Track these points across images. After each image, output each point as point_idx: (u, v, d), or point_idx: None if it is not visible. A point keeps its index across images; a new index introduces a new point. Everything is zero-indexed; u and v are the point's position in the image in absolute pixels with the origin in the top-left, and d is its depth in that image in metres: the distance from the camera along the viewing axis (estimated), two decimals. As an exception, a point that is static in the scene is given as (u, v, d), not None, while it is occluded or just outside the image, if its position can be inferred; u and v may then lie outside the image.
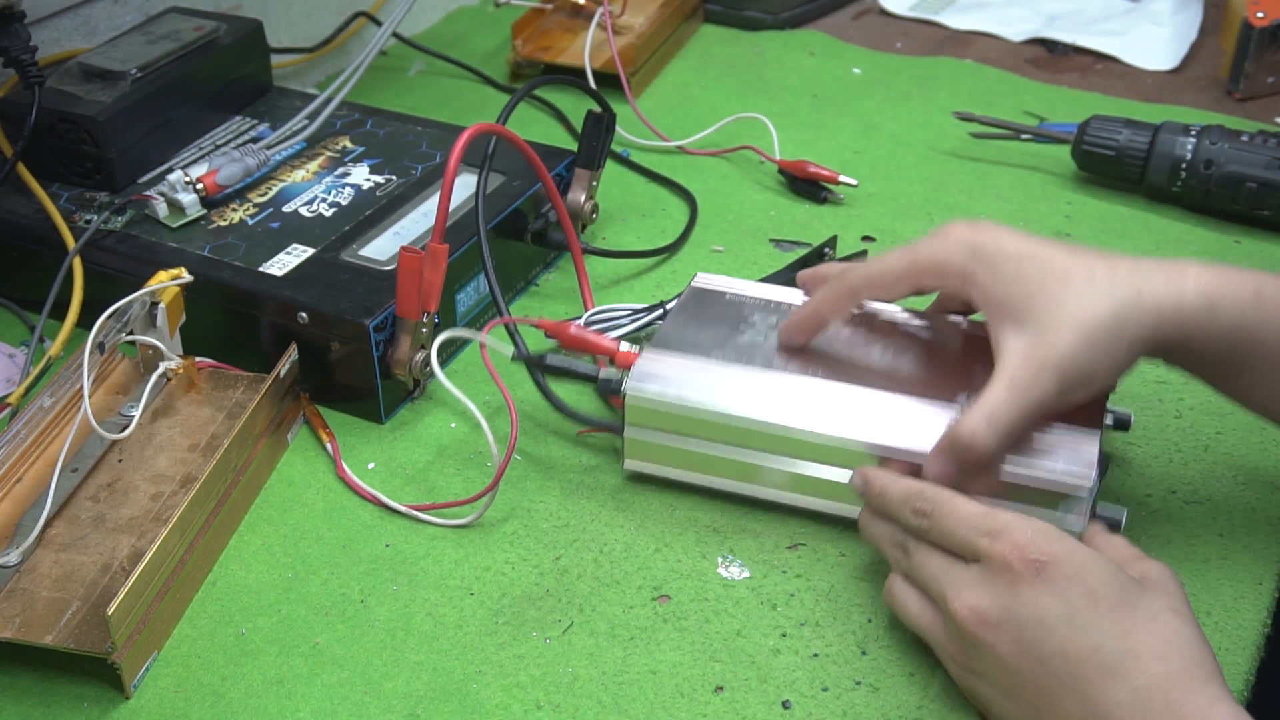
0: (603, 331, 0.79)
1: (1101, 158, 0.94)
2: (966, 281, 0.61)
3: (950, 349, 0.68)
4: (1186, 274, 0.58)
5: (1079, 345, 0.57)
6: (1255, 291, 0.59)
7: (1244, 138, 0.90)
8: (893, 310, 0.70)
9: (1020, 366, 0.58)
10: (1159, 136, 0.92)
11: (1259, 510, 0.67)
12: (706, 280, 0.74)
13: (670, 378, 0.67)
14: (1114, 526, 0.60)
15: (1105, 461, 0.62)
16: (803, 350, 0.68)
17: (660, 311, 0.79)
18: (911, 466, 0.61)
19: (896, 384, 0.65)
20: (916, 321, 0.69)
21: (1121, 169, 0.93)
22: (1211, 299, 0.58)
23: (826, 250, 0.86)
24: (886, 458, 0.62)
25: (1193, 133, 0.91)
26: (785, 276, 0.83)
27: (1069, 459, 0.60)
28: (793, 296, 0.71)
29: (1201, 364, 0.61)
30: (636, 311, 0.80)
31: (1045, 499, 0.60)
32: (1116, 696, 0.50)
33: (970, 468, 0.59)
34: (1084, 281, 0.58)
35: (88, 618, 0.59)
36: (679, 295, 0.75)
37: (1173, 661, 0.51)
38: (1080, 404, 0.59)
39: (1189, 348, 0.59)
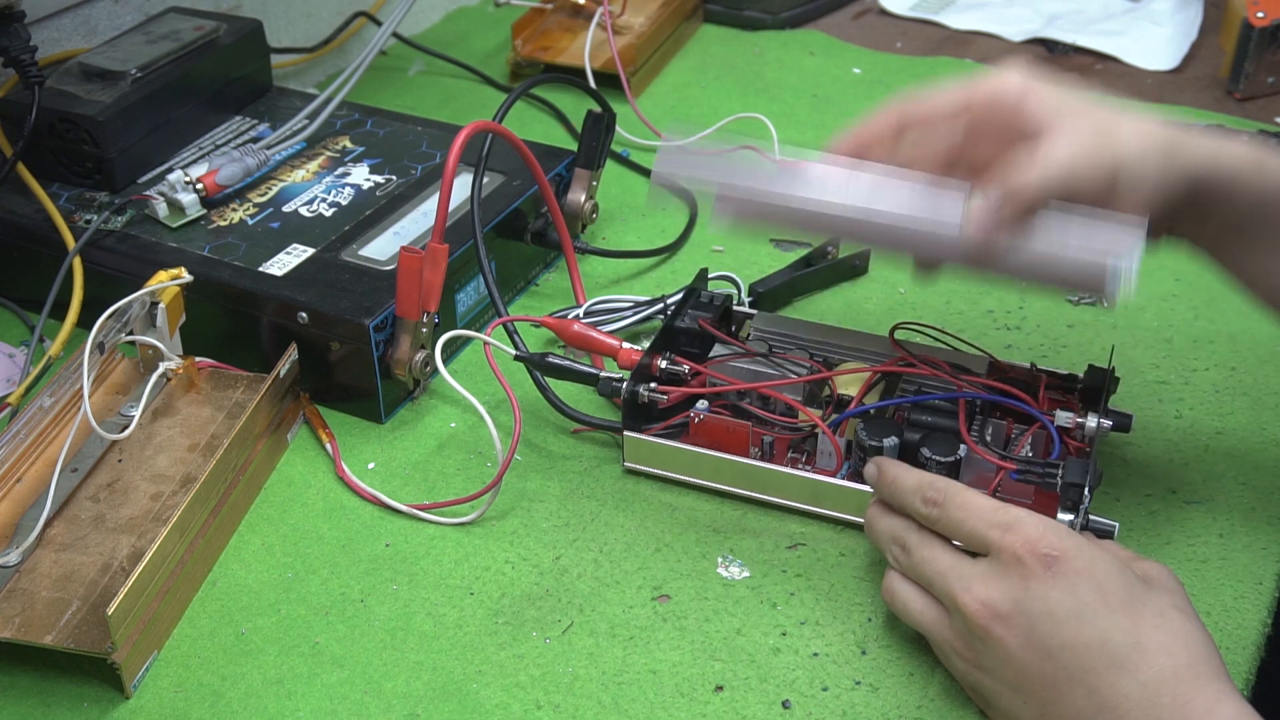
0: (603, 324, 0.79)
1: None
2: (1023, 98, 0.59)
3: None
4: (1238, 136, 0.60)
5: (1136, 146, 0.57)
6: None
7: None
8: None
9: (1082, 135, 0.57)
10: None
11: (1259, 510, 0.67)
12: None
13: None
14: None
15: (1098, 474, 0.63)
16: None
17: (660, 305, 0.79)
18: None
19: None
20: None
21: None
22: (1260, 159, 0.59)
23: (829, 249, 0.86)
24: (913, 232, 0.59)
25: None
26: (786, 276, 0.83)
27: (1115, 234, 0.57)
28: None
29: (1237, 228, 0.61)
30: (638, 304, 0.80)
31: (1086, 277, 0.58)
32: (1124, 689, 0.50)
33: (1012, 213, 0.57)
34: (1133, 113, 0.59)
35: (88, 618, 0.59)
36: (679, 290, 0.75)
37: (1180, 656, 0.51)
38: (1123, 207, 0.57)
39: (1233, 202, 0.59)
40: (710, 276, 0.80)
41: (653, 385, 0.68)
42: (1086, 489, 0.61)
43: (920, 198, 0.60)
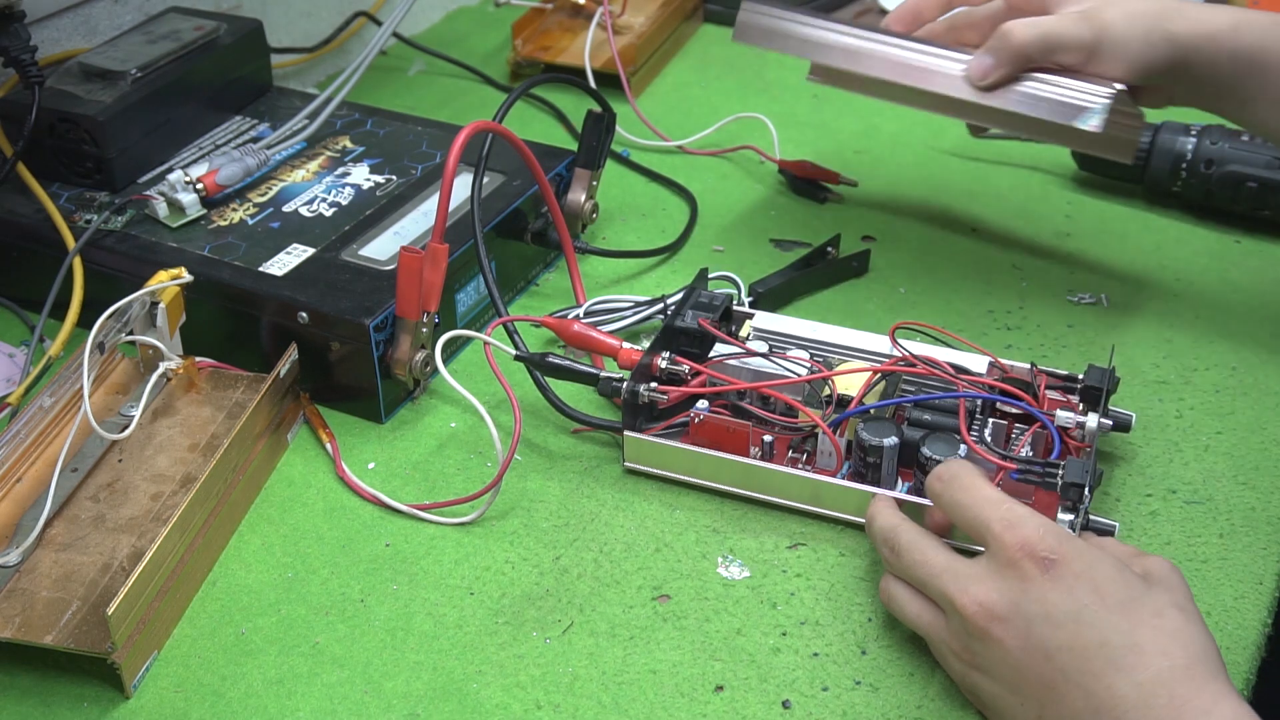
0: (603, 324, 0.79)
1: (1101, 157, 0.94)
2: None
3: None
4: (1219, 9, 0.72)
5: (1120, 22, 0.71)
6: (1274, 19, 0.71)
7: (1244, 137, 0.90)
8: None
9: (1072, 14, 0.72)
10: (1159, 135, 0.91)
11: (1259, 510, 0.67)
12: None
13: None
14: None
15: (1098, 474, 0.63)
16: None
17: (660, 305, 0.79)
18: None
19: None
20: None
21: (1121, 169, 0.93)
22: (1236, 22, 0.71)
23: (829, 249, 0.86)
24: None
25: (1193, 132, 0.91)
26: (786, 276, 0.83)
27: (1092, 85, 0.71)
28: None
29: (1231, 86, 0.72)
30: (638, 304, 0.80)
31: (1061, 109, 0.72)
32: (1121, 691, 0.50)
33: (1005, 61, 0.72)
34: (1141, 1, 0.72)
35: (88, 618, 0.59)
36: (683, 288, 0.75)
37: (1177, 657, 0.51)
38: (1105, 73, 0.72)
39: (1217, 66, 0.71)
40: (710, 276, 0.80)
41: (653, 385, 0.68)
42: (1086, 489, 0.61)
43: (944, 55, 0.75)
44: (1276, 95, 0.71)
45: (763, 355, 0.71)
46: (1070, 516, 0.61)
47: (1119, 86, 0.71)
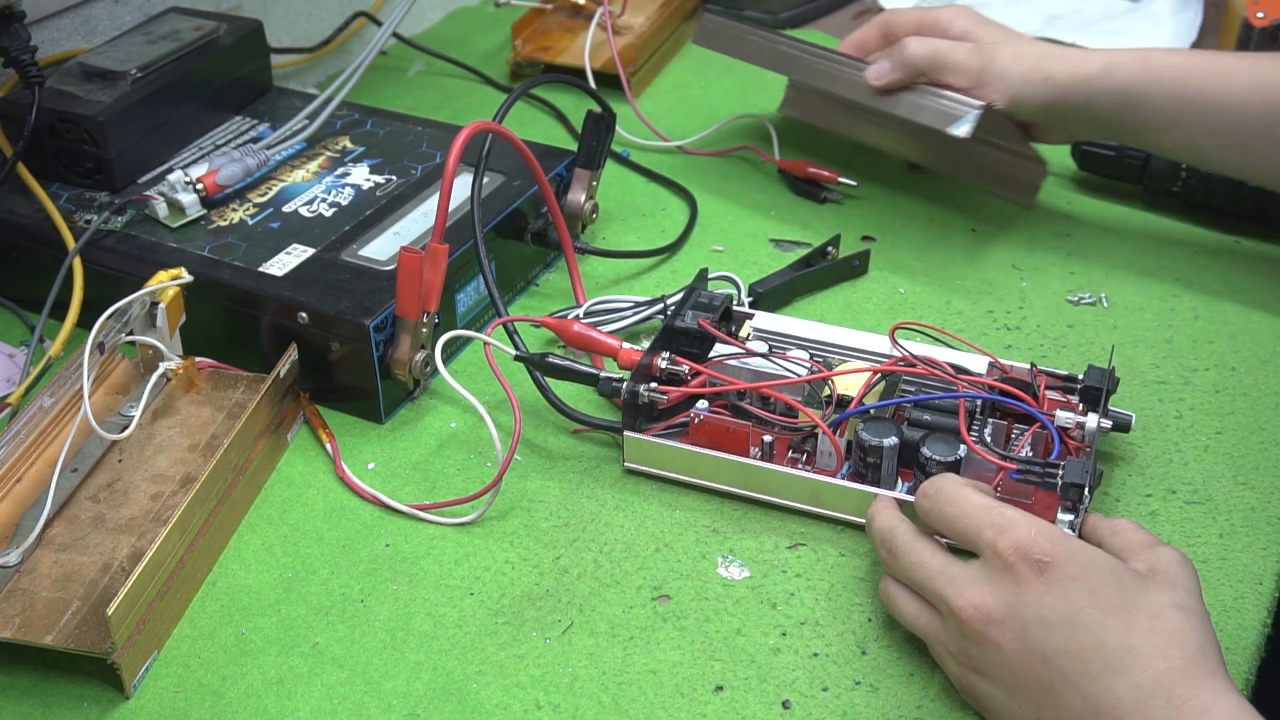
0: (603, 324, 0.79)
1: (1101, 157, 0.94)
2: (947, 28, 0.86)
3: None
4: (1096, 52, 0.82)
5: (1009, 57, 0.83)
6: (1143, 59, 0.81)
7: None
8: None
9: (968, 44, 0.84)
10: (1159, 136, 0.92)
11: (1259, 510, 0.67)
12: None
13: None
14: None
15: (1098, 474, 0.63)
16: None
17: (660, 305, 0.79)
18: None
19: None
20: None
21: (1121, 169, 0.93)
22: (1108, 64, 0.81)
23: (829, 249, 0.86)
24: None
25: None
26: (786, 276, 0.83)
27: (962, 102, 0.83)
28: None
29: (1109, 120, 0.83)
30: (638, 304, 0.80)
31: (939, 115, 0.83)
32: (1119, 692, 0.50)
33: (899, 67, 0.84)
34: (1029, 39, 0.85)
35: (88, 618, 0.59)
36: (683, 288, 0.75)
37: (1175, 658, 0.51)
38: (989, 98, 0.83)
39: (1094, 104, 0.82)
40: (710, 276, 0.80)
41: (653, 385, 0.68)
42: (1086, 489, 0.61)
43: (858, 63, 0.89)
44: (1158, 125, 0.81)
45: (763, 355, 0.71)
46: (1070, 517, 0.61)
47: (996, 105, 0.83)
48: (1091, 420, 0.66)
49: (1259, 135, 0.78)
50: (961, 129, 0.82)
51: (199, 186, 0.80)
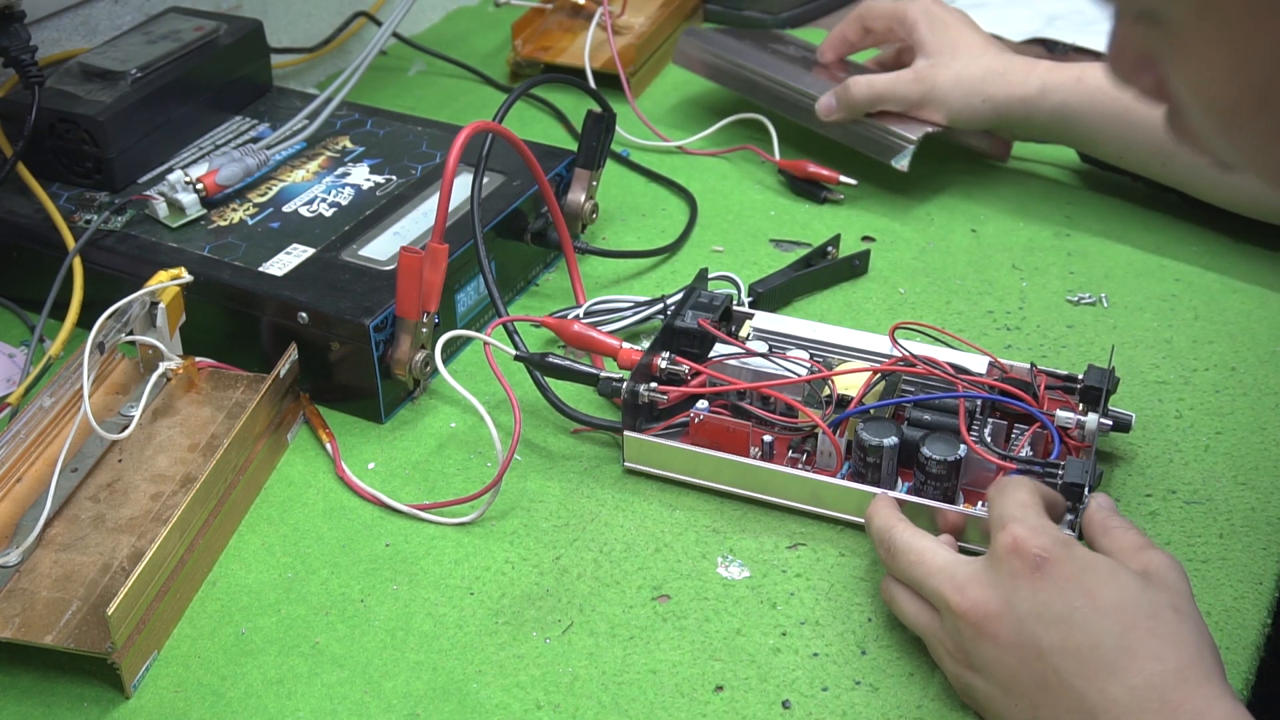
0: (603, 324, 0.79)
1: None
2: (910, 28, 0.94)
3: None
4: (1035, 69, 0.89)
5: (950, 80, 0.90)
6: (1077, 78, 0.87)
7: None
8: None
9: (911, 72, 0.92)
10: (1159, 136, 0.92)
11: (1259, 510, 0.67)
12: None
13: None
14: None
15: (1098, 473, 0.63)
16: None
17: (660, 305, 0.79)
18: None
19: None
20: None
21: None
22: (1044, 85, 0.88)
23: (829, 249, 0.86)
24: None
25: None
26: (786, 276, 0.83)
27: (906, 127, 0.91)
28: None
29: (1048, 133, 0.91)
30: (638, 304, 0.80)
31: (882, 149, 0.92)
32: (1113, 694, 0.50)
33: (843, 108, 0.93)
34: (976, 53, 0.91)
35: (88, 618, 0.59)
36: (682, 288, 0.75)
37: (1170, 660, 0.51)
38: (931, 119, 0.92)
39: (1033, 120, 0.90)
40: (710, 276, 0.80)
41: (653, 385, 0.68)
42: (1086, 489, 0.61)
43: (821, 84, 0.96)
44: (1091, 140, 0.90)
45: (763, 355, 0.71)
46: (1070, 516, 0.61)
47: (932, 129, 0.91)
48: (1091, 420, 0.66)
49: (1176, 155, 0.85)
50: (901, 163, 0.90)
51: (199, 186, 0.80)
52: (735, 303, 0.77)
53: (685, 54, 1.04)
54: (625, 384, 0.68)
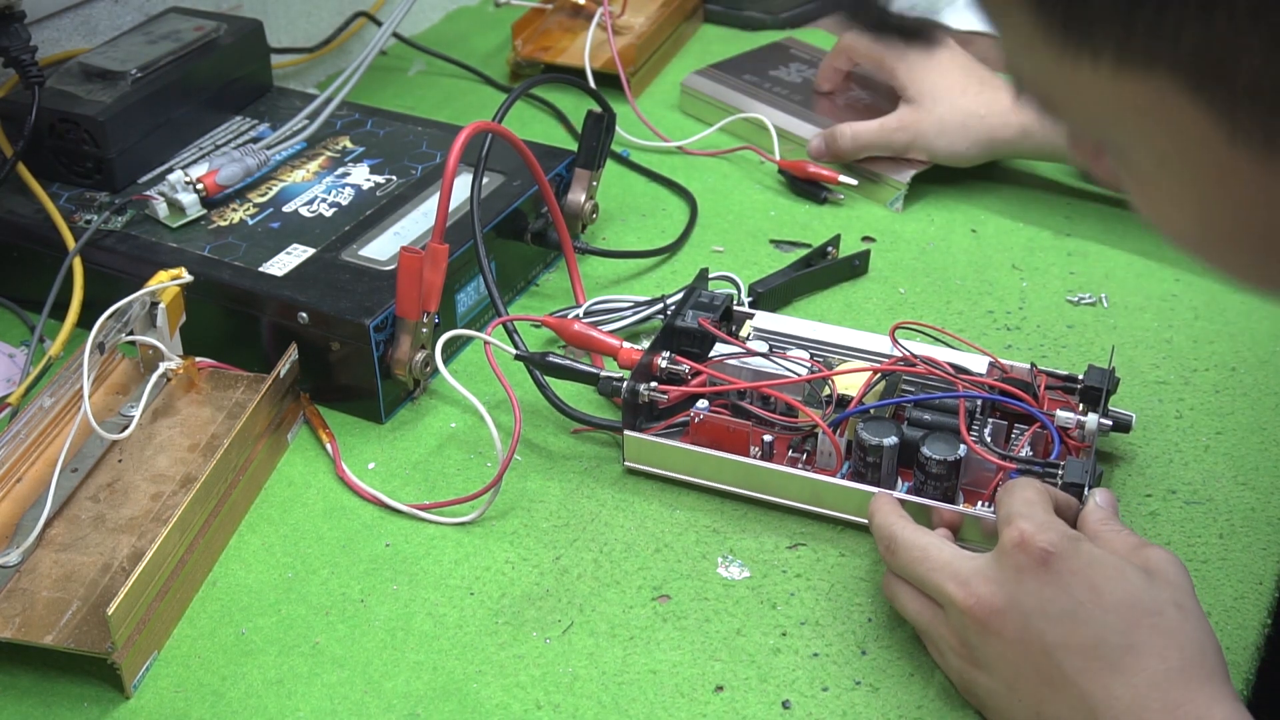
0: (603, 324, 0.79)
1: None
2: (890, 74, 0.96)
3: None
4: (1015, 113, 0.90)
5: (934, 128, 0.92)
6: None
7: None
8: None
9: (895, 120, 0.94)
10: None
11: (1259, 510, 0.67)
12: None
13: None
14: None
15: (1098, 473, 0.64)
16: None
17: (660, 305, 0.79)
18: None
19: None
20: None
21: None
22: (1024, 127, 0.90)
23: (829, 250, 0.86)
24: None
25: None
26: (786, 276, 0.83)
27: (896, 170, 0.94)
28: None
29: (1034, 160, 0.96)
30: (638, 304, 0.80)
31: (874, 190, 0.95)
32: (1115, 692, 0.50)
33: (833, 153, 0.95)
34: (956, 93, 0.92)
35: (88, 618, 0.59)
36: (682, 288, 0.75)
37: (1173, 659, 0.51)
38: (916, 160, 0.94)
39: (1020, 154, 0.94)
40: (710, 276, 0.80)
41: (653, 385, 0.68)
42: (1086, 489, 0.61)
43: (818, 120, 1.00)
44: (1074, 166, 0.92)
45: (763, 355, 0.71)
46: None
47: (920, 169, 0.94)
48: (1091, 420, 0.66)
49: None
50: (895, 206, 0.94)
51: (199, 186, 0.80)
52: (735, 303, 0.77)
53: (689, 100, 1.07)
54: (625, 383, 0.68)
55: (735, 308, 0.76)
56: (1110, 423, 0.66)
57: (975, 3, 0.40)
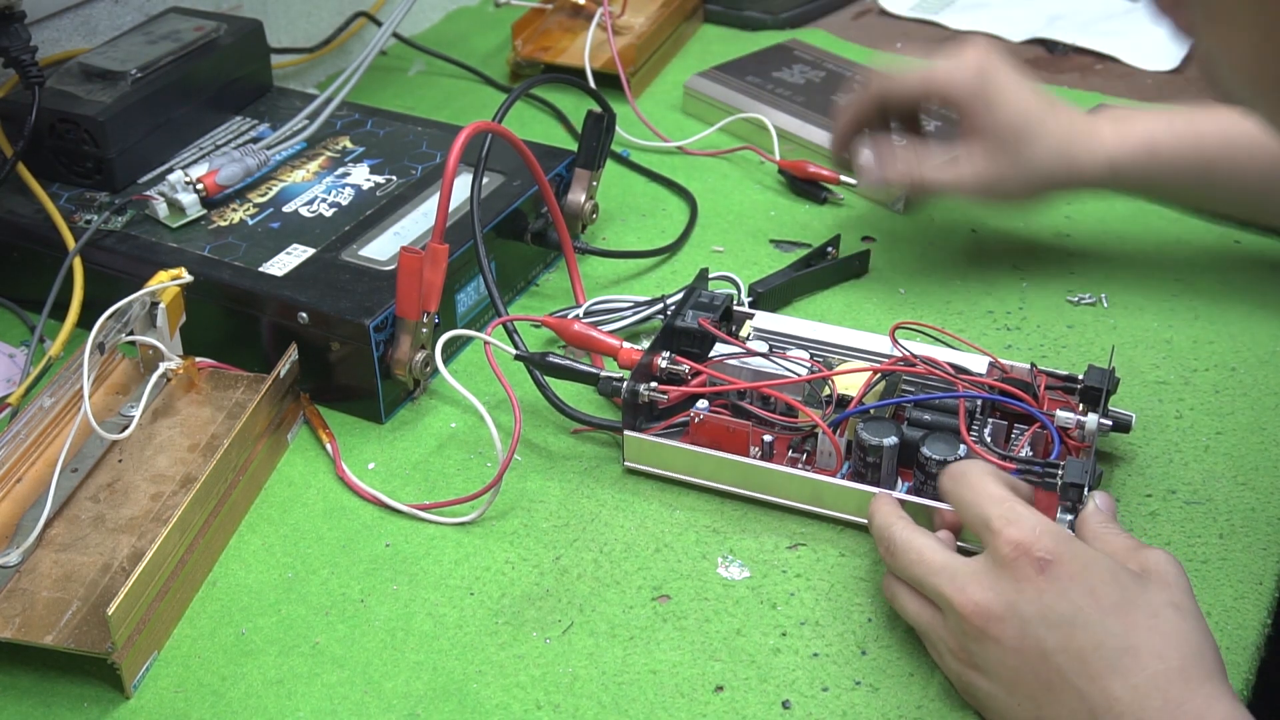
0: (603, 324, 0.79)
1: None
2: (967, 112, 0.79)
3: None
4: (1102, 144, 0.79)
5: (1018, 183, 0.79)
6: (1149, 150, 0.79)
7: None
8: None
9: (968, 172, 0.79)
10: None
11: (1259, 510, 0.67)
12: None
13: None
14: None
15: (1098, 473, 0.64)
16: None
17: (660, 305, 0.79)
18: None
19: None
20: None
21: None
22: (1114, 165, 0.79)
23: (829, 250, 0.86)
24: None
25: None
26: (786, 276, 0.83)
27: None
28: None
29: (1160, 193, 0.84)
30: (638, 304, 0.80)
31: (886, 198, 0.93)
32: (1115, 693, 0.50)
33: (916, 190, 0.82)
34: (1036, 128, 0.78)
35: (88, 618, 0.59)
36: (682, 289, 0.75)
37: (1172, 659, 0.51)
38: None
39: (1107, 189, 0.81)
40: (710, 276, 0.80)
41: (653, 385, 0.68)
42: (1086, 489, 0.61)
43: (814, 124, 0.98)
44: (1173, 200, 0.87)
45: (763, 355, 0.71)
46: (1070, 517, 0.61)
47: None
48: (1091, 420, 0.66)
49: (1268, 195, 0.81)
50: (897, 207, 0.93)
51: (199, 186, 0.80)
52: (735, 303, 0.77)
53: (692, 101, 1.07)
54: (625, 383, 0.68)
55: (735, 308, 0.76)
56: (1110, 423, 0.66)
57: None
